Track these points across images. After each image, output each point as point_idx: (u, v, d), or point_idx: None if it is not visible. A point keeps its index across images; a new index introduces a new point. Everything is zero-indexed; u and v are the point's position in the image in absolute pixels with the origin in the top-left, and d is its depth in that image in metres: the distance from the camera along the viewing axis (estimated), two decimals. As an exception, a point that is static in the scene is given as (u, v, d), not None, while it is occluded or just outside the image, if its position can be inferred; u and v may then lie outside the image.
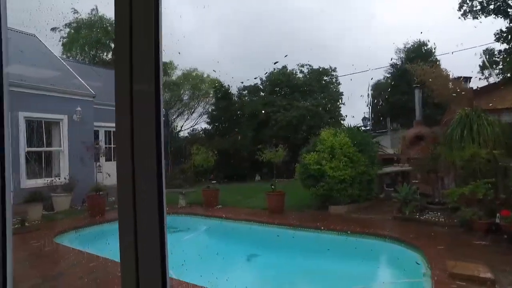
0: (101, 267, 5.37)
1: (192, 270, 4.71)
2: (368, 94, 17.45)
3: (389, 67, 20.17)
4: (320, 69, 18.85)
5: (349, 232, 6.83)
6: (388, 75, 20.54)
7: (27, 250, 6.18)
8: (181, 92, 22.29)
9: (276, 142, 11.99)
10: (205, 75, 22.96)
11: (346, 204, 8.65)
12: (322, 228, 7.19)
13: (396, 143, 13.99)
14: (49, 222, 8.47)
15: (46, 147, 10.70)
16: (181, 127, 22.48)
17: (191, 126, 22.67)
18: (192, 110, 22.63)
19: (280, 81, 18.10)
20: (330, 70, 19.02)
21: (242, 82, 19.03)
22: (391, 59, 20.30)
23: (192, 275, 4.43)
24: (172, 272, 4.63)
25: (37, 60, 12.08)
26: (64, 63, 13.81)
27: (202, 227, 9.09)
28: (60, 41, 22.96)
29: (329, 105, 17.45)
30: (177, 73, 23.64)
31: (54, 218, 8.97)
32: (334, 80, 19.23)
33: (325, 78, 18.98)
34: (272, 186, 9.24)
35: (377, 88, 20.59)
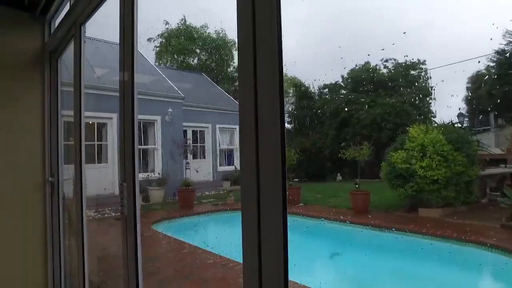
0: (191, 253, 5.87)
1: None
2: (467, 88, 15.55)
3: (493, 54, 17.59)
4: (407, 63, 17.47)
5: (443, 237, 6.22)
6: (491, 64, 17.94)
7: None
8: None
9: (360, 140, 11.52)
10: (284, 75, 23.09)
11: (439, 207, 7.89)
12: (411, 230, 6.69)
13: (502, 141, 12.24)
14: (147, 212, 9.45)
15: (144, 145, 11.95)
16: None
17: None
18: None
19: (363, 78, 17.30)
20: (418, 64, 17.48)
21: (318, 79, 18.69)
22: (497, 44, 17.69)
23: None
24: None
25: (136, 68, 13.54)
26: (158, 69, 15.25)
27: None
28: (153, 50, 25.45)
29: (417, 101, 16.08)
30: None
31: (150, 208, 10.00)
32: (423, 74, 17.63)
33: (412, 72, 17.52)
34: (356, 185, 8.92)
35: (477, 80, 18.19)
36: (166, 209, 9.91)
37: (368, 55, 18.04)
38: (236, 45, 0.85)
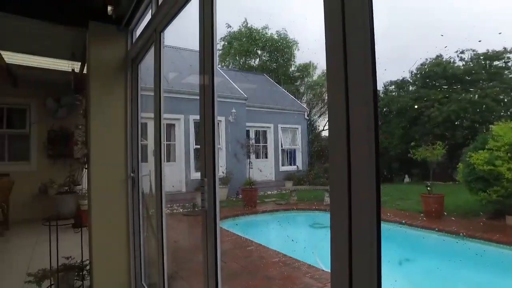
0: (256, 251, 5.98)
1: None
2: None
3: None
4: (488, 53, 15.68)
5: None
6: None
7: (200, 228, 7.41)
8: (323, 91, 22.36)
9: (432, 139, 10.69)
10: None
11: (532, 216, 6.99)
12: (497, 241, 6.02)
13: None
14: (213, 209, 9.84)
15: (209, 144, 12.47)
16: (323, 127, 22.58)
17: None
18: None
19: (434, 72, 15.98)
20: (504, 53, 15.56)
21: (382, 75, 17.67)
22: None
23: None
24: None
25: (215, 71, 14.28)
26: (221, 71, 15.80)
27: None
28: (216, 53, 26.45)
29: (502, 96, 14.39)
30: (318, 72, 23.87)
31: (215, 206, 10.39)
32: (511, 64, 15.65)
33: (495, 63, 15.69)
34: (428, 188, 8.29)
35: None
36: (230, 207, 10.22)
37: (445, 47, 16.59)
38: (298, 44, 0.83)
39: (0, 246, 5.37)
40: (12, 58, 5.55)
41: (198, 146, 12.00)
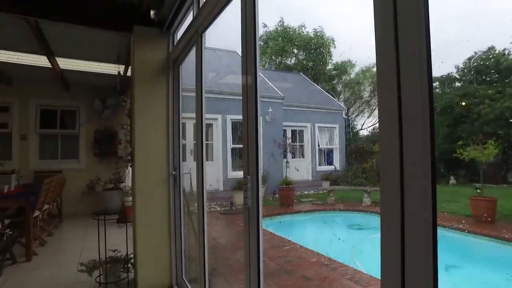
0: (293, 250, 5.94)
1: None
2: None
3: None
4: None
5: None
6: None
7: (240, 227, 7.51)
8: (361, 89, 21.76)
9: (482, 139, 10.02)
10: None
11: None
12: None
13: None
14: (249, 208, 9.92)
15: (246, 144, 12.58)
16: (362, 126, 21.97)
17: (373, 124, 21.81)
18: (373, 108, 21.69)
19: (486, 66, 14.95)
20: None
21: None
22: None
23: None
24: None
25: (238, 70, 14.44)
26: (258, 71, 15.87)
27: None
28: (259, 53, 26.69)
29: None
30: (356, 70, 23.25)
31: (252, 205, 10.46)
32: None
33: None
34: (478, 190, 7.78)
35: None
36: (267, 206, 10.23)
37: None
38: (334, 42, 0.80)
39: (56, 237, 5.78)
40: (65, 64, 5.94)
41: (236, 146, 12.17)
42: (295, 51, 25.36)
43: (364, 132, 21.23)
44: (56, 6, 3.20)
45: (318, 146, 15.30)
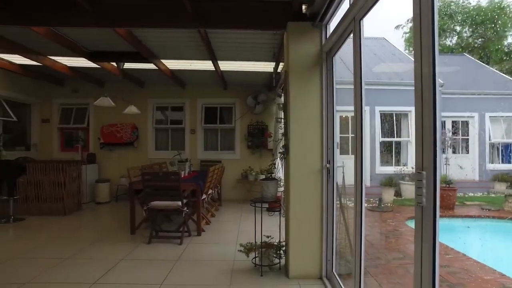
0: (457, 260, 5.12)
1: None
2: None
3: None
4: None
5: None
6: None
7: (389, 226, 7.02)
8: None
9: None
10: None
11: None
12: None
13: None
14: (399, 207, 9.12)
15: (396, 137, 11.58)
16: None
17: None
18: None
19: None
20: None
21: None
22: None
23: None
24: None
25: (387, 58, 13.34)
26: (409, 56, 14.33)
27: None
28: (402, 37, 24.17)
29: None
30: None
31: (403, 203, 9.58)
32: None
33: None
34: None
35: None
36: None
37: None
38: None
39: (217, 218, 6.67)
40: (224, 66, 6.73)
41: (385, 139, 11.37)
42: (458, 28, 21.66)
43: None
44: (220, 16, 3.70)
45: (490, 139, 12.73)
